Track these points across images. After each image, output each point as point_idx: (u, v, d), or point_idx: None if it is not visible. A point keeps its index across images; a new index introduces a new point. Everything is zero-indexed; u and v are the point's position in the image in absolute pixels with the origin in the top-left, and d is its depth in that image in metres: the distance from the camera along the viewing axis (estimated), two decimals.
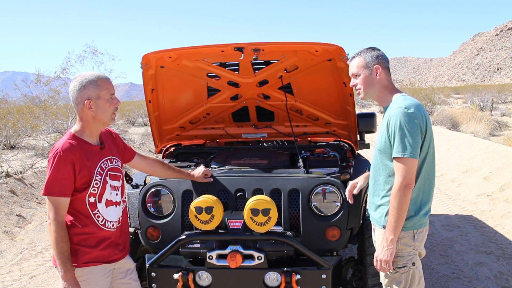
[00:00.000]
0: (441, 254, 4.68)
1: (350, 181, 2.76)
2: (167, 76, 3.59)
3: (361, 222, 2.97)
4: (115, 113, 2.31)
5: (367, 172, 2.66)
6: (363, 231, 2.96)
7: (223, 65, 3.50)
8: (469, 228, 5.55)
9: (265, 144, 4.18)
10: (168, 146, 4.14)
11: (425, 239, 2.37)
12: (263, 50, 3.19)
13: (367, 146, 4.22)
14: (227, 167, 3.22)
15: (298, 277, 2.63)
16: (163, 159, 3.78)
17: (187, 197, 2.95)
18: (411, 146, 2.16)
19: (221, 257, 2.70)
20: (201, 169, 2.93)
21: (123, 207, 2.42)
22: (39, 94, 13.20)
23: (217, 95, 3.76)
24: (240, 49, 3.13)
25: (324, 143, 4.01)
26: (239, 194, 2.90)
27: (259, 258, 2.67)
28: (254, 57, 3.20)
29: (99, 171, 2.25)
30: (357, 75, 2.38)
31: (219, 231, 2.75)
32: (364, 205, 3.09)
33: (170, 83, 3.66)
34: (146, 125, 23.23)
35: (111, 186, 2.30)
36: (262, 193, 2.86)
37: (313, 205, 2.85)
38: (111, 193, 2.30)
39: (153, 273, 2.76)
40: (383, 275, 2.40)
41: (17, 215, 6.24)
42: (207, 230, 2.71)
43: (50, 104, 12.80)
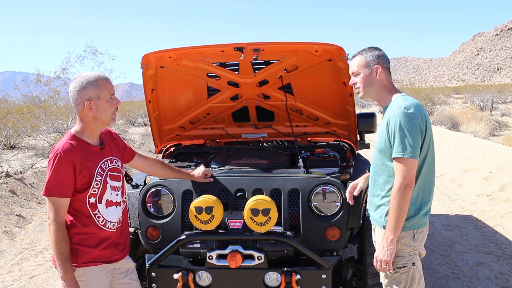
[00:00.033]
0: (441, 254, 4.68)
1: (350, 183, 2.76)
2: (167, 76, 3.59)
3: (361, 222, 2.97)
4: (116, 113, 2.31)
5: (367, 173, 2.66)
6: (363, 231, 2.96)
7: (223, 65, 3.50)
8: (469, 228, 5.55)
9: (265, 144, 4.18)
10: (168, 146, 4.14)
11: (425, 239, 2.38)
12: (263, 50, 3.18)
13: (367, 146, 4.22)
14: (227, 167, 3.22)
15: (298, 277, 2.63)
16: (163, 159, 3.78)
17: (187, 197, 2.95)
18: (411, 146, 2.16)
19: (221, 257, 2.70)
20: (201, 169, 2.93)
21: (123, 208, 2.42)
22: (39, 94, 13.20)
23: (217, 95, 3.76)
24: (240, 49, 3.13)
25: (324, 143, 4.01)
26: (239, 194, 2.90)
27: (259, 258, 2.67)
28: (254, 57, 3.20)
29: (100, 171, 2.25)
30: (357, 74, 2.38)
31: (219, 231, 2.75)
32: (364, 205, 3.08)
33: (170, 83, 3.66)
34: (146, 125, 23.22)
35: (112, 186, 2.30)
36: (262, 193, 2.85)
37: (313, 205, 2.84)
38: (111, 194, 2.30)
39: (153, 273, 2.76)
40: (383, 275, 2.40)
41: (17, 215, 6.24)
42: (207, 230, 2.71)
43: (50, 104, 12.80)
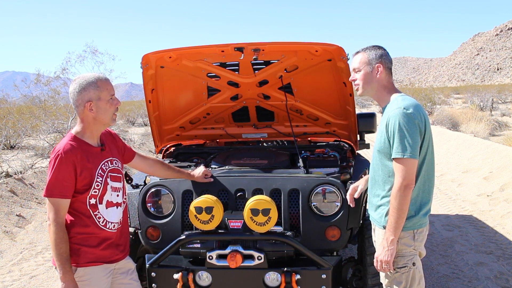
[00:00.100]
0: (441, 254, 4.68)
1: (351, 185, 2.75)
2: (167, 76, 3.59)
3: (361, 222, 2.97)
4: (116, 113, 2.31)
5: (368, 174, 2.66)
6: (363, 231, 2.96)
7: (223, 65, 3.50)
8: (469, 228, 5.55)
9: (265, 144, 4.18)
10: (168, 146, 4.14)
11: (425, 239, 2.38)
12: (263, 50, 3.18)
13: (367, 146, 4.21)
14: (227, 167, 3.22)
15: (298, 277, 2.63)
16: (163, 159, 3.78)
17: (187, 197, 2.95)
18: (411, 146, 2.16)
19: (221, 257, 2.70)
20: (201, 169, 2.93)
21: (123, 208, 2.42)
22: (39, 94, 13.20)
23: (217, 95, 3.76)
24: (240, 49, 3.13)
25: (324, 143, 4.00)
26: (239, 194, 2.89)
27: (259, 258, 2.67)
28: (254, 57, 3.20)
29: (100, 172, 2.25)
30: (358, 71, 2.38)
31: (219, 231, 2.74)
32: (364, 205, 3.08)
33: (170, 83, 3.66)
34: (146, 125, 23.22)
35: (112, 187, 2.30)
36: (262, 193, 2.85)
37: (313, 205, 2.84)
38: (112, 195, 2.30)
39: (153, 273, 2.76)
40: (383, 275, 2.40)
41: (17, 215, 6.24)
42: (207, 230, 2.71)
43: (50, 104, 12.80)
